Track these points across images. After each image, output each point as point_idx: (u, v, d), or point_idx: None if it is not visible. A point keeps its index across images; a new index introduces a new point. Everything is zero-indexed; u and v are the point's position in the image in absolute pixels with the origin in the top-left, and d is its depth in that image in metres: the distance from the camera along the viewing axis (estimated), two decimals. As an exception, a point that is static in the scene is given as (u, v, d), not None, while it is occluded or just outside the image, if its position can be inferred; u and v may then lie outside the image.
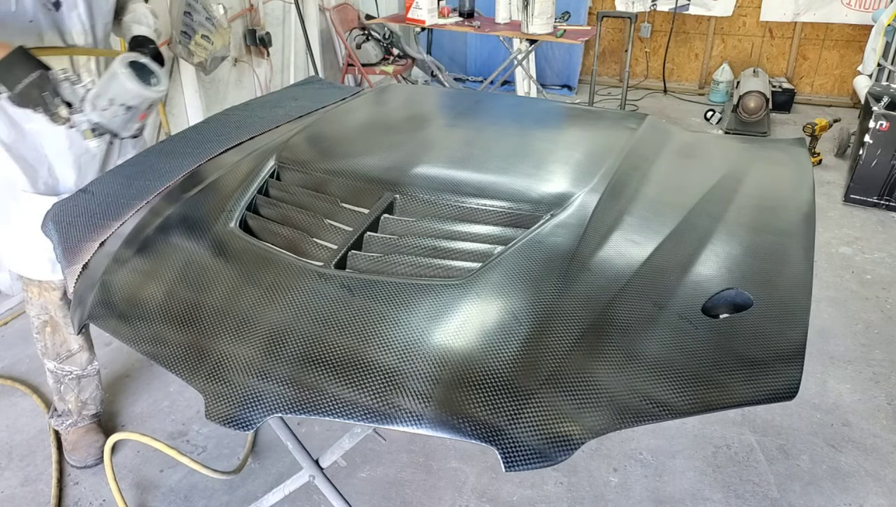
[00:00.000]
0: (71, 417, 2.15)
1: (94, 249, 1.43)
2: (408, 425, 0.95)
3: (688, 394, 0.99)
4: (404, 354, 1.03)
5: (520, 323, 1.08)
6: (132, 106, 1.60)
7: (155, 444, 1.82)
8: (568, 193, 1.41)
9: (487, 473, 2.09)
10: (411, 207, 1.39)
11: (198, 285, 1.22)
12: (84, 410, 2.16)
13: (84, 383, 2.12)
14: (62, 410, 2.15)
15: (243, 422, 1.00)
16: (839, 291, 3.09)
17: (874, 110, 3.78)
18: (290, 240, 1.33)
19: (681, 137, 1.91)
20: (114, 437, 1.86)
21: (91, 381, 2.14)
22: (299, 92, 2.27)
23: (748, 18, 5.91)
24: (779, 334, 1.08)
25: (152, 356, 1.14)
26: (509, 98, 3.58)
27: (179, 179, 1.60)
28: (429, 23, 4.70)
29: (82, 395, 2.13)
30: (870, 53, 4.83)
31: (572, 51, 6.07)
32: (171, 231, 1.40)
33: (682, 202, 1.46)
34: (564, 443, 0.93)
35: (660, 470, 2.11)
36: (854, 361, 2.61)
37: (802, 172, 1.70)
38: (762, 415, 2.33)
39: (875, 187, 3.88)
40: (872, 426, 2.29)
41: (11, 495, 2.03)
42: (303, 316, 1.11)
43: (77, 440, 2.16)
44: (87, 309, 1.28)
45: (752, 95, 4.98)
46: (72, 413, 2.15)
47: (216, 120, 2.00)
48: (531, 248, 1.24)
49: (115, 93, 1.56)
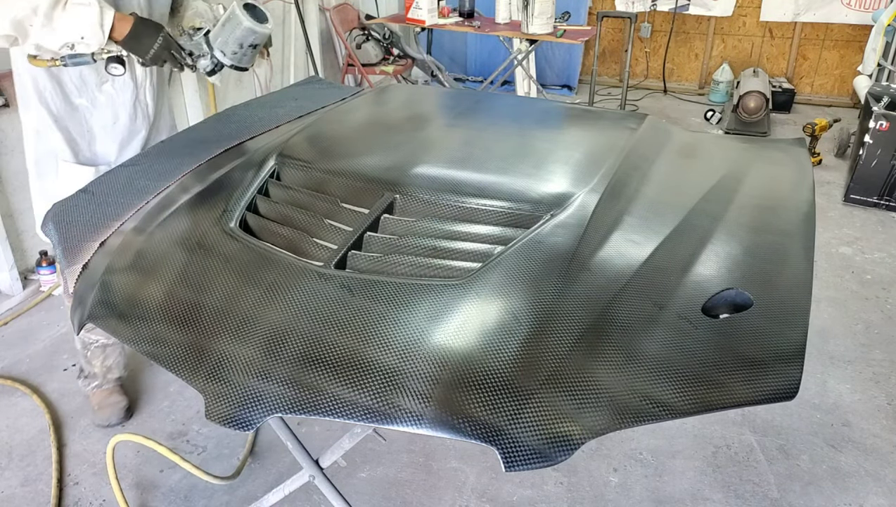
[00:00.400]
0: (96, 380, 2.30)
1: (94, 249, 1.43)
2: (408, 425, 0.95)
3: (688, 394, 0.99)
4: (404, 354, 1.03)
5: (520, 323, 1.08)
6: (256, 44, 1.85)
7: (156, 447, 1.82)
8: (568, 193, 1.41)
9: (487, 473, 2.09)
10: (411, 208, 1.39)
11: (198, 284, 1.22)
12: (108, 374, 2.30)
13: (108, 351, 2.27)
14: (88, 372, 2.29)
15: (243, 422, 1.00)
16: (839, 291, 3.09)
17: (874, 110, 3.78)
18: (290, 240, 1.33)
19: (681, 137, 1.91)
20: (115, 439, 1.86)
21: (115, 348, 2.28)
22: (299, 92, 2.27)
23: (748, 18, 5.91)
24: (779, 334, 1.08)
25: (152, 356, 1.14)
26: (509, 98, 3.58)
27: (179, 179, 1.60)
28: (429, 23, 4.70)
29: (107, 361, 2.28)
30: (870, 53, 4.83)
31: (572, 51, 6.07)
32: (172, 231, 1.40)
33: (682, 202, 1.46)
34: (564, 443, 0.93)
35: (660, 470, 2.11)
36: (854, 361, 2.61)
37: (802, 172, 1.70)
38: (762, 415, 2.33)
39: (875, 187, 3.88)
40: (872, 426, 2.29)
41: (11, 495, 2.03)
42: (303, 316, 1.11)
43: (102, 401, 2.30)
44: (87, 309, 1.28)
45: (752, 95, 4.98)
46: (97, 376, 2.29)
47: (216, 120, 2.00)
48: (531, 248, 1.24)
49: (241, 36, 1.79)
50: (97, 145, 1.98)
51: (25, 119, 1.92)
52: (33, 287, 3.04)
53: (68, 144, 1.92)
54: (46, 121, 1.88)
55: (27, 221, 3.06)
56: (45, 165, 1.95)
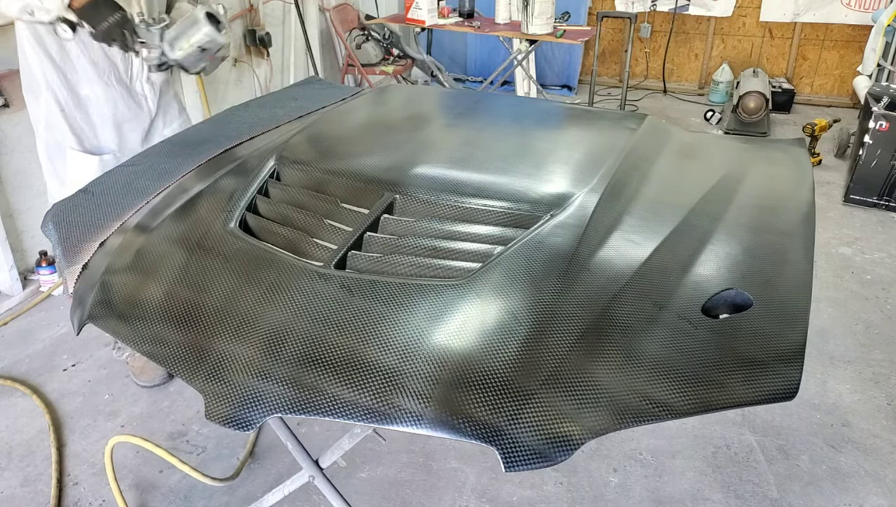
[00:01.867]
0: (129, 349, 2.39)
1: (94, 249, 1.43)
2: (408, 425, 0.95)
3: (688, 394, 0.99)
4: (404, 354, 1.03)
5: (520, 323, 1.08)
6: (206, 48, 1.98)
7: (153, 449, 1.83)
8: (568, 193, 1.41)
9: (487, 473, 2.09)
10: (411, 208, 1.39)
11: (198, 285, 1.22)
12: None
13: None
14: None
15: (243, 422, 1.00)
16: (839, 291, 3.09)
17: (874, 111, 3.78)
18: (290, 240, 1.33)
19: (681, 138, 1.91)
20: (113, 440, 1.87)
21: None
22: (299, 92, 2.27)
23: (748, 19, 5.91)
24: (779, 334, 1.08)
25: (152, 356, 1.14)
26: (509, 98, 3.58)
27: (179, 179, 1.60)
28: (429, 23, 4.70)
29: None
30: (869, 54, 4.83)
31: (572, 51, 6.07)
32: (172, 231, 1.40)
33: (682, 202, 1.46)
34: (564, 443, 0.93)
35: (660, 470, 2.11)
36: (854, 361, 2.61)
37: (802, 172, 1.70)
38: (762, 415, 2.33)
39: (875, 188, 3.88)
40: (872, 427, 2.29)
41: (11, 495, 2.03)
42: (303, 316, 1.11)
43: (143, 366, 2.41)
44: (87, 309, 1.28)
45: (751, 96, 4.98)
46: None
47: (216, 120, 2.00)
48: (531, 248, 1.24)
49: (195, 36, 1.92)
50: (101, 135, 2.14)
51: (34, 109, 2.07)
52: (33, 287, 3.04)
53: (74, 134, 2.09)
54: (54, 111, 2.03)
55: (27, 221, 3.06)
56: (54, 151, 2.12)
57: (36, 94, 2.03)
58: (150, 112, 2.22)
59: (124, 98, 2.13)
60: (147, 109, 2.21)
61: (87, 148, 2.12)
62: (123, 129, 2.17)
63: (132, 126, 2.19)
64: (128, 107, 2.15)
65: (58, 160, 2.13)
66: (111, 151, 2.15)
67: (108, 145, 2.15)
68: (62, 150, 2.10)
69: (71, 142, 2.09)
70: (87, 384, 2.47)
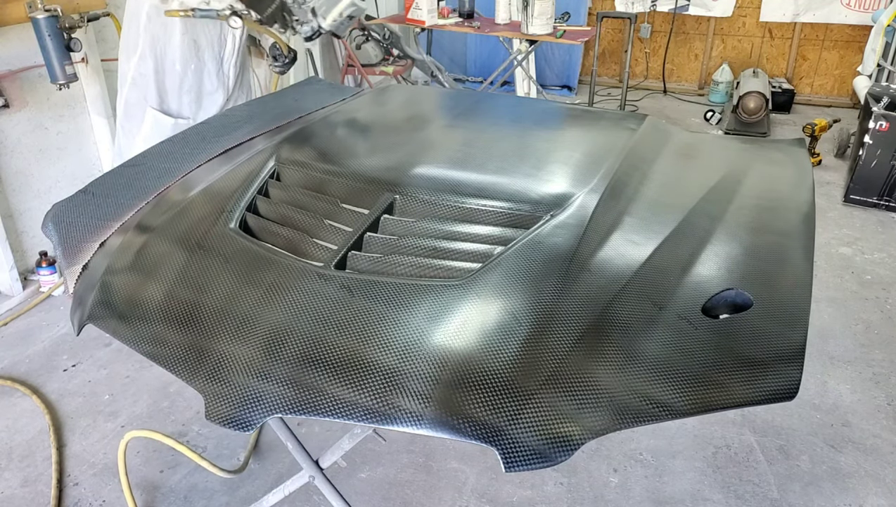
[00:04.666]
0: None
1: (94, 250, 1.43)
2: (408, 425, 0.95)
3: (688, 394, 0.99)
4: (404, 354, 1.03)
5: (520, 324, 1.08)
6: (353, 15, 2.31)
7: (171, 443, 1.86)
8: (568, 193, 1.41)
9: (487, 473, 2.09)
10: (411, 208, 1.39)
11: (198, 285, 1.22)
12: None
13: None
14: None
15: (243, 422, 1.00)
16: (839, 291, 3.09)
17: (874, 111, 3.78)
18: (290, 240, 1.33)
19: (681, 138, 1.91)
20: (128, 435, 1.87)
21: None
22: (299, 92, 2.27)
23: (748, 19, 5.91)
24: (779, 334, 1.08)
25: (152, 357, 1.14)
26: (509, 99, 3.58)
27: (179, 180, 1.60)
28: (429, 23, 4.70)
29: None
30: (869, 54, 4.83)
31: (572, 51, 6.07)
32: (172, 231, 1.40)
33: (682, 203, 1.46)
34: (564, 443, 0.93)
35: (660, 471, 2.11)
36: (854, 361, 2.61)
37: (802, 172, 1.70)
38: (762, 415, 2.33)
39: (875, 188, 3.88)
40: (872, 427, 2.29)
41: (11, 495, 2.03)
42: (303, 317, 1.11)
43: None
44: (87, 309, 1.28)
45: (751, 96, 4.98)
46: None
47: (216, 120, 2.00)
48: (531, 248, 1.24)
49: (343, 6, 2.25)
50: (183, 101, 2.46)
51: (124, 68, 2.41)
52: (33, 288, 3.04)
53: (159, 94, 2.41)
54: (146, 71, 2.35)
55: (27, 221, 3.06)
56: (133, 109, 2.42)
57: (129, 54, 2.34)
58: (228, 89, 2.54)
59: (211, 75, 2.46)
60: (227, 86, 2.52)
61: (166, 110, 2.42)
62: (204, 101, 2.49)
63: (213, 99, 2.50)
64: (212, 82, 2.47)
65: (134, 118, 2.41)
66: (186, 117, 2.45)
67: (187, 112, 2.46)
68: (141, 108, 2.39)
69: (153, 101, 2.40)
70: (87, 385, 2.47)
